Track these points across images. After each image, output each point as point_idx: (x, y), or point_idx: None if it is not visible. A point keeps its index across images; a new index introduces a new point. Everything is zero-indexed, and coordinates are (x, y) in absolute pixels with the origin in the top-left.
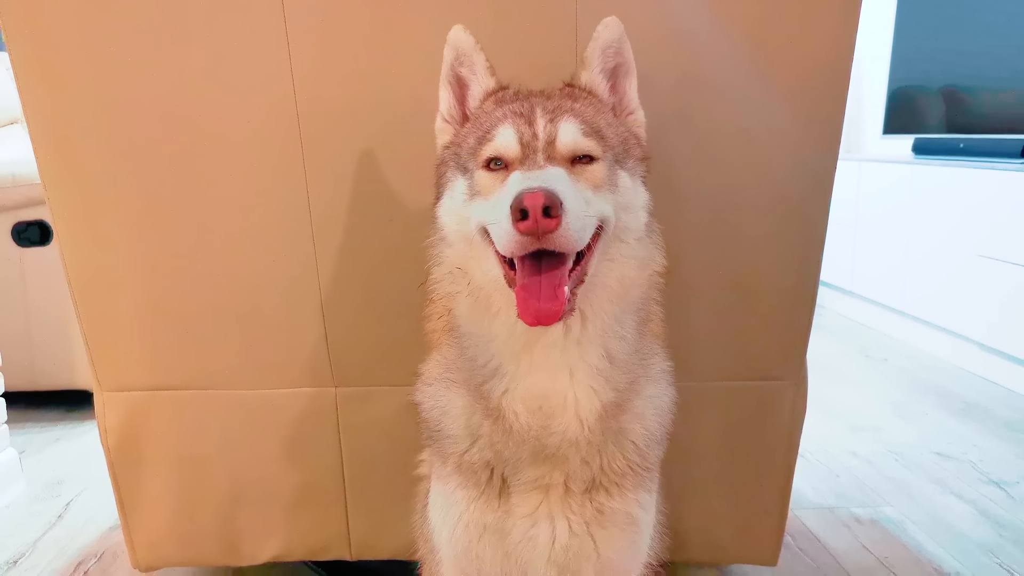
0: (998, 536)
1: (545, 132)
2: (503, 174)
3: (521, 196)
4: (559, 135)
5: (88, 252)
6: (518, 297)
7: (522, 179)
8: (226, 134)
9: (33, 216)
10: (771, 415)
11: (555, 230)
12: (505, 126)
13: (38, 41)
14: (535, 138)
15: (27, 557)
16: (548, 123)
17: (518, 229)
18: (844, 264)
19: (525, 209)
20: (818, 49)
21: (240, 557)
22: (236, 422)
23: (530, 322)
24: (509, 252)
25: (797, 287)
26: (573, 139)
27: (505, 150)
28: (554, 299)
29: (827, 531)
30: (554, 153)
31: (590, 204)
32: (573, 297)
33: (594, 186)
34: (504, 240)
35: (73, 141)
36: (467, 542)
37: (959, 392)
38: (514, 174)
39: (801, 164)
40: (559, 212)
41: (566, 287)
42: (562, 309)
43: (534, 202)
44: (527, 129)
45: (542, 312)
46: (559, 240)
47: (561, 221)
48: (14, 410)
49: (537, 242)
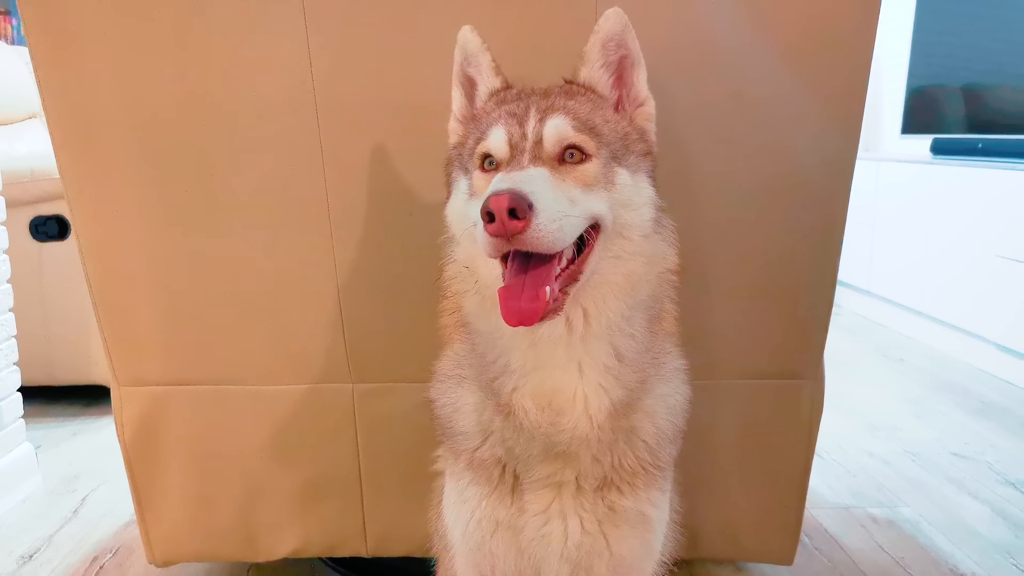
0: (1015, 537)
1: (534, 132)
2: (494, 174)
3: (488, 199)
4: (545, 133)
5: (106, 247)
6: (500, 298)
7: (498, 181)
8: (244, 129)
9: (51, 211)
10: (788, 413)
11: (523, 231)
12: (498, 127)
13: (57, 35)
14: (523, 138)
15: (43, 551)
16: (537, 123)
17: (487, 231)
18: (862, 263)
19: (491, 211)
20: (839, 38)
21: (256, 552)
22: (253, 417)
23: (511, 323)
24: (487, 253)
25: (815, 285)
26: (560, 137)
27: (495, 151)
28: (535, 299)
29: (843, 530)
30: (541, 153)
31: (576, 203)
32: (563, 297)
33: (584, 184)
34: (481, 242)
35: (92, 136)
36: (480, 538)
37: (976, 392)
38: (496, 176)
39: (821, 157)
40: (526, 214)
41: (549, 287)
42: (542, 309)
43: (498, 204)
44: (517, 130)
45: (522, 312)
46: (530, 241)
47: (530, 222)
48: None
49: (508, 243)
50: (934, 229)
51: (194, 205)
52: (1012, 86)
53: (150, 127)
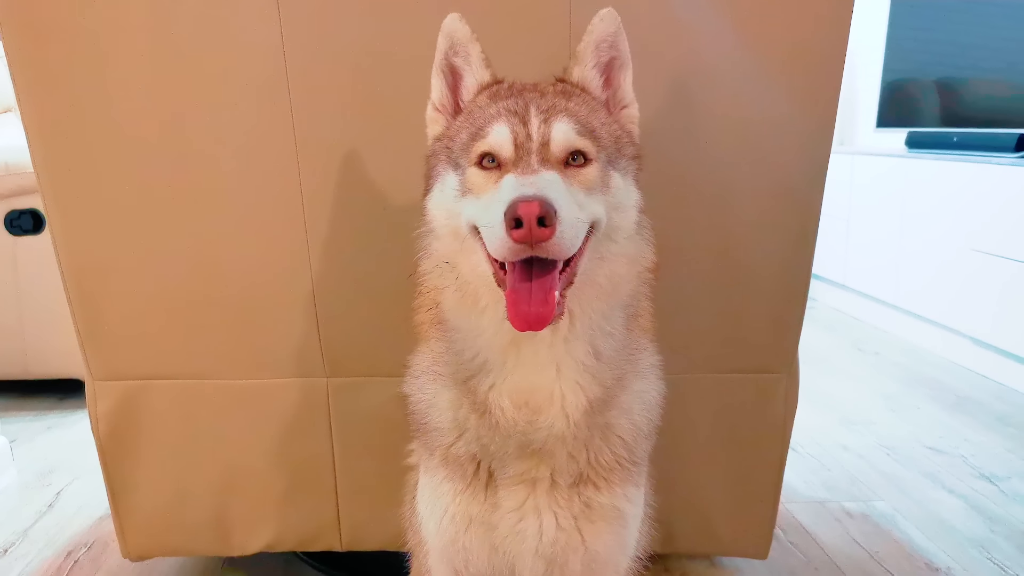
0: (989, 531)
1: (539, 133)
2: (496, 173)
3: (516, 204)
4: (553, 136)
5: (81, 241)
6: (508, 302)
7: (517, 184)
8: (218, 121)
9: (26, 204)
10: (763, 407)
11: (549, 239)
12: (500, 124)
13: (32, 29)
14: (529, 139)
15: (17, 546)
16: (542, 123)
17: (512, 237)
18: (837, 257)
19: (519, 218)
20: (812, 34)
21: (231, 547)
22: (227, 412)
23: (520, 327)
24: (501, 257)
25: (790, 279)
26: (568, 141)
27: (499, 149)
28: (544, 304)
29: (818, 524)
30: (548, 155)
31: (583, 207)
32: (563, 300)
33: (587, 188)
34: (496, 245)
35: (66, 130)
36: (453, 533)
37: (951, 386)
38: (507, 177)
39: (795, 152)
40: (553, 221)
41: (557, 291)
42: (552, 313)
43: (529, 211)
44: (522, 129)
45: (532, 317)
46: (552, 248)
47: (556, 231)
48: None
49: (530, 250)
50: (909, 223)
51: (168, 199)
52: (987, 80)
53: (124, 122)
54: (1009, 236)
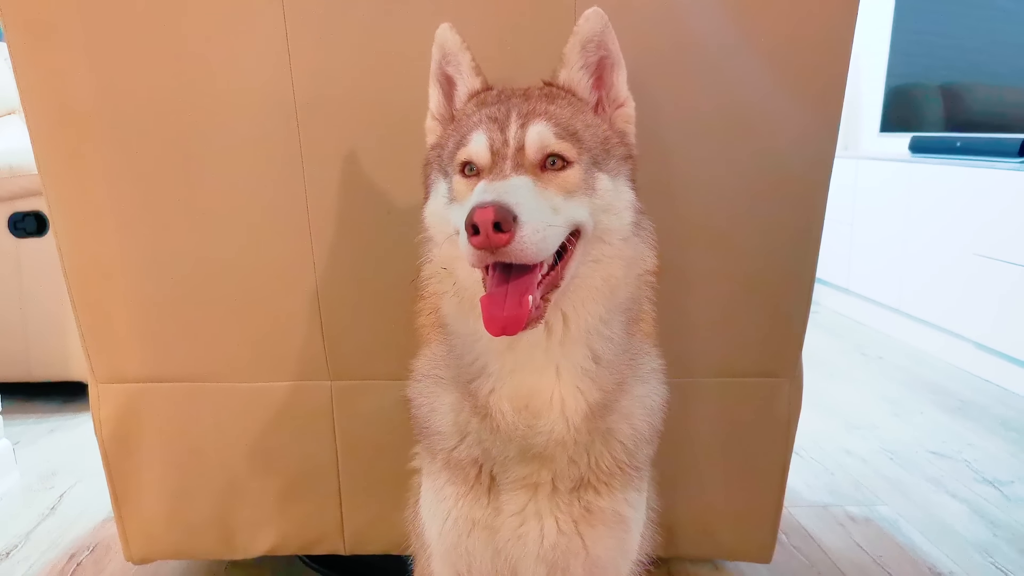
0: (992, 536)
1: (515, 138)
2: (475, 180)
3: (473, 211)
4: (527, 141)
5: (84, 243)
6: (483, 307)
7: (481, 191)
8: (223, 126)
9: (30, 207)
10: (767, 412)
11: (507, 244)
12: (479, 132)
13: (36, 31)
14: (505, 145)
15: (20, 548)
16: (519, 128)
17: (472, 244)
18: (840, 262)
19: (476, 224)
20: (817, 38)
21: (234, 550)
22: (231, 415)
23: (494, 332)
24: (470, 263)
25: (794, 283)
26: (542, 144)
27: (477, 157)
28: (518, 307)
29: (821, 529)
30: (523, 160)
31: (559, 211)
32: (544, 304)
33: (566, 192)
34: (466, 252)
35: (70, 132)
36: (456, 537)
37: (954, 390)
38: (479, 184)
39: (800, 156)
40: (511, 227)
41: (531, 295)
42: (526, 317)
43: (484, 217)
44: (498, 136)
45: (505, 321)
46: (514, 253)
47: (514, 235)
48: (9, 401)
49: (492, 255)
50: (913, 227)
51: (172, 201)
52: (990, 84)
53: (128, 125)
54: (1012, 241)
